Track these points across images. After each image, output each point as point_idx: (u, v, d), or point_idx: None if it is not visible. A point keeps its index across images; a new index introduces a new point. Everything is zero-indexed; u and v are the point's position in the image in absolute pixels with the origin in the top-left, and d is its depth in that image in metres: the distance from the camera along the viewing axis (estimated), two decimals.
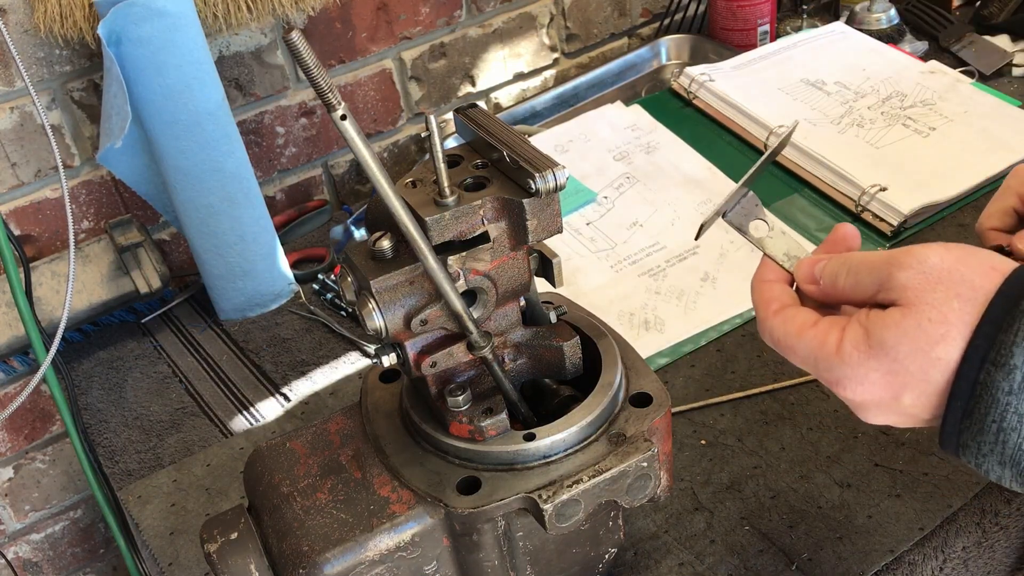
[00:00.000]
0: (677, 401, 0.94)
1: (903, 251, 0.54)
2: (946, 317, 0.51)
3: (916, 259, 0.53)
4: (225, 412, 1.04)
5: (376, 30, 1.32)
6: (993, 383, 0.50)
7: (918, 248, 0.54)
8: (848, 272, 0.57)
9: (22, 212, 1.17)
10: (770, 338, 0.60)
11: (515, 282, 0.66)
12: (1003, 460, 0.51)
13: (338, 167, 1.39)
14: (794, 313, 0.59)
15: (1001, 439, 0.50)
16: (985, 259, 0.52)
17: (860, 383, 0.54)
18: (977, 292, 0.51)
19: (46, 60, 1.11)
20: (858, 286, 0.56)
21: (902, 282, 0.53)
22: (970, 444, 0.52)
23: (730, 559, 0.78)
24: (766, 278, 0.62)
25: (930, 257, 0.53)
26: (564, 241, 1.15)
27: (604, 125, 1.32)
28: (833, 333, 0.55)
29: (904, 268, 0.53)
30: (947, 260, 0.52)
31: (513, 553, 0.67)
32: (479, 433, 0.64)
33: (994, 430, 0.50)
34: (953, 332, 0.51)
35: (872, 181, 1.13)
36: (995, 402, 0.50)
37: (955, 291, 0.51)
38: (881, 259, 0.55)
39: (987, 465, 0.52)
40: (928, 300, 0.52)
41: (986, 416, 0.50)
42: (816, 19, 1.57)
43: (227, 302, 1.15)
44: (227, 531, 0.65)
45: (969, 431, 0.51)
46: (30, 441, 1.28)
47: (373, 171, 0.57)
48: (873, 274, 0.55)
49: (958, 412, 0.51)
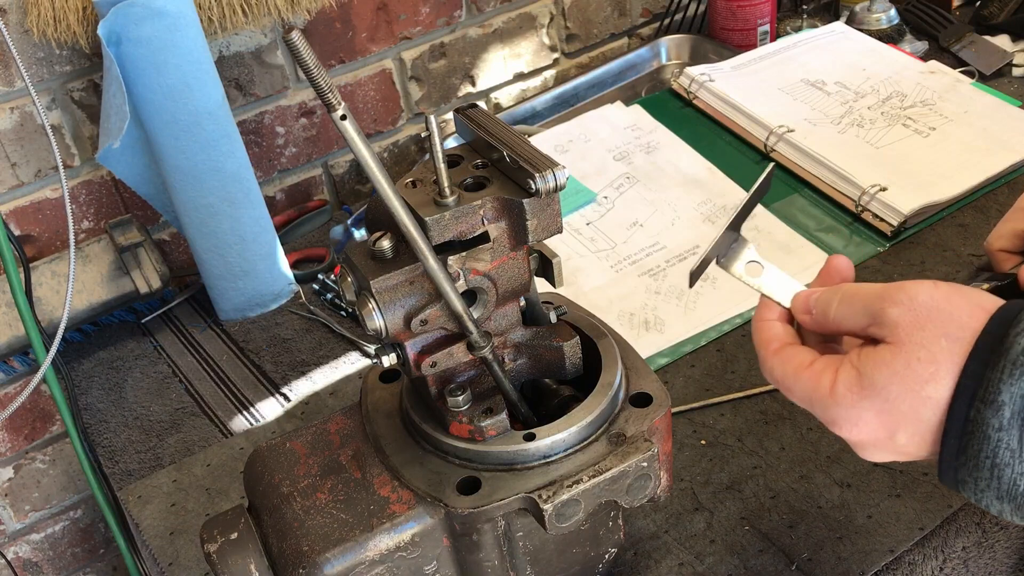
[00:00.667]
0: (677, 401, 0.94)
1: (895, 287, 0.55)
2: (935, 356, 0.52)
3: (907, 295, 0.54)
4: (225, 412, 1.04)
5: (376, 30, 1.32)
6: (983, 420, 0.50)
7: (909, 285, 0.54)
8: (839, 302, 0.58)
9: (22, 212, 1.17)
10: (771, 377, 0.61)
11: (515, 282, 0.66)
12: (1000, 495, 0.52)
13: (338, 167, 1.39)
14: (792, 353, 0.60)
15: (996, 475, 0.51)
16: (973, 297, 0.53)
17: (855, 424, 0.55)
18: (964, 331, 0.52)
19: (46, 60, 1.11)
20: (850, 317, 0.57)
21: (893, 319, 0.54)
22: (967, 480, 0.53)
23: (730, 559, 0.78)
24: (765, 317, 0.63)
25: (920, 295, 0.53)
26: (564, 241, 1.15)
27: (604, 125, 1.32)
28: (827, 374, 0.56)
29: (895, 304, 0.54)
30: (936, 298, 0.53)
31: (513, 553, 0.67)
32: (479, 433, 0.64)
33: (988, 466, 0.51)
34: (942, 371, 0.52)
35: (872, 181, 1.13)
36: (987, 439, 0.50)
37: (943, 330, 0.52)
38: (873, 293, 0.56)
39: (986, 500, 0.53)
40: (917, 339, 0.53)
41: (979, 452, 0.51)
42: (816, 19, 1.57)
43: (227, 302, 1.15)
44: (227, 531, 0.65)
45: (965, 467, 0.52)
46: (30, 441, 1.28)
47: (373, 171, 0.57)
48: (865, 307, 0.56)
49: (953, 449, 0.52)
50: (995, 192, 1.15)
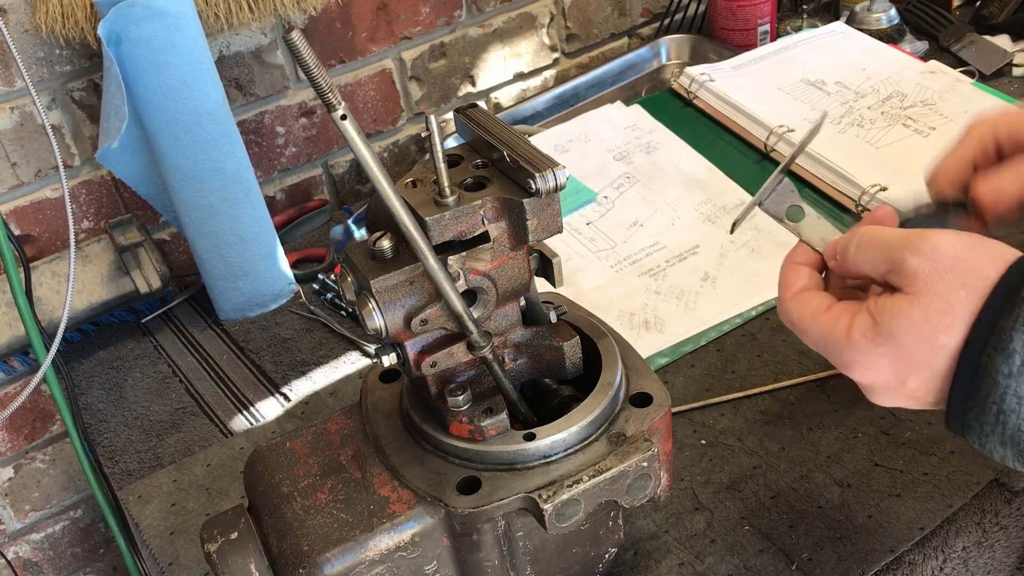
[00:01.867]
0: (677, 401, 0.94)
1: (917, 234, 0.55)
2: (951, 307, 0.53)
3: (929, 245, 0.54)
4: (225, 412, 1.04)
5: (376, 30, 1.32)
6: (993, 366, 0.51)
7: (932, 234, 0.55)
8: (857, 246, 0.58)
9: (22, 212, 1.17)
10: (787, 319, 0.62)
11: (515, 282, 0.66)
12: (1004, 440, 0.53)
13: (338, 167, 1.39)
14: (811, 296, 0.60)
15: (1001, 420, 0.52)
16: (995, 249, 0.54)
17: (868, 368, 0.56)
18: (984, 281, 0.53)
19: (46, 60, 1.11)
20: (868, 262, 0.57)
21: (913, 268, 0.54)
22: (973, 425, 0.54)
23: (730, 559, 0.78)
24: (795, 260, 0.63)
25: (943, 244, 0.54)
26: (564, 241, 1.15)
27: (604, 125, 1.32)
28: (843, 319, 0.57)
29: (917, 253, 0.54)
30: (959, 248, 0.54)
31: (513, 553, 0.67)
32: (479, 433, 0.64)
33: (994, 411, 0.52)
34: (957, 322, 0.53)
35: (872, 181, 1.13)
36: (995, 384, 0.52)
37: (962, 280, 0.53)
38: (895, 239, 0.56)
39: (990, 445, 0.54)
40: (935, 290, 0.53)
41: (987, 398, 0.52)
42: (816, 19, 1.57)
43: (227, 302, 1.15)
44: (227, 531, 0.65)
45: (972, 412, 0.53)
46: (30, 441, 1.28)
47: (373, 171, 0.57)
48: (885, 253, 0.56)
49: (961, 394, 0.53)
50: None
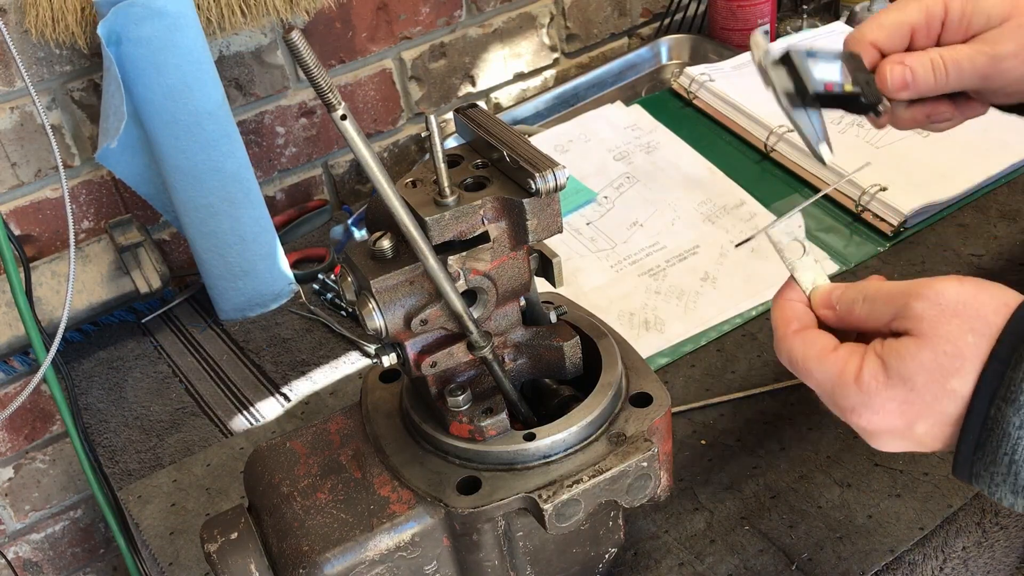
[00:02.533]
0: (677, 401, 0.94)
1: (921, 282, 0.55)
2: (961, 351, 0.52)
3: (933, 291, 0.54)
4: (225, 412, 1.04)
5: (376, 30, 1.32)
6: (1004, 418, 0.51)
7: (935, 280, 0.55)
8: (865, 300, 0.58)
9: (22, 212, 1.17)
10: (787, 357, 0.60)
11: (515, 282, 0.66)
12: (1016, 490, 0.53)
13: (338, 167, 1.39)
14: (815, 336, 0.59)
15: (1013, 471, 0.52)
16: (998, 295, 0.54)
17: (876, 412, 0.55)
18: (990, 327, 0.52)
19: (46, 60, 1.11)
20: (873, 314, 0.57)
21: (918, 312, 0.54)
22: (983, 474, 0.53)
23: (730, 559, 0.78)
24: (789, 297, 0.63)
25: (946, 291, 0.54)
26: (564, 241, 1.15)
27: (604, 125, 1.32)
28: (852, 362, 0.56)
29: (921, 299, 0.54)
30: (962, 294, 0.54)
31: (513, 553, 0.67)
32: (479, 433, 0.64)
33: (1006, 462, 0.52)
34: (967, 366, 0.52)
35: (872, 181, 1.13)
36: (1006, 436, 0.51)
37: (969, 325, 0.53)
38: (899, 289, 0.56)
39: (1000, 494, 0.53)
40: (943, 333, 0.53)
41: (998, 449, 0.52)
42: (816, 19, 1.57)
43: (227, 302, 1.15)
44: (227, 531, 0.65)
45: (982, 462, 0.53)
46: (30, 441, 1.28)
47: (373, 171, 0.57)
48: (890, 303, 0.56)
49: (971, 445, 0.53)
50: (995, 192, 1.15)
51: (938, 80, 0.69)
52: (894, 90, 0.70)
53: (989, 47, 0.68)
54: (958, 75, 0.69)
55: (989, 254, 1.06)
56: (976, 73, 0.69)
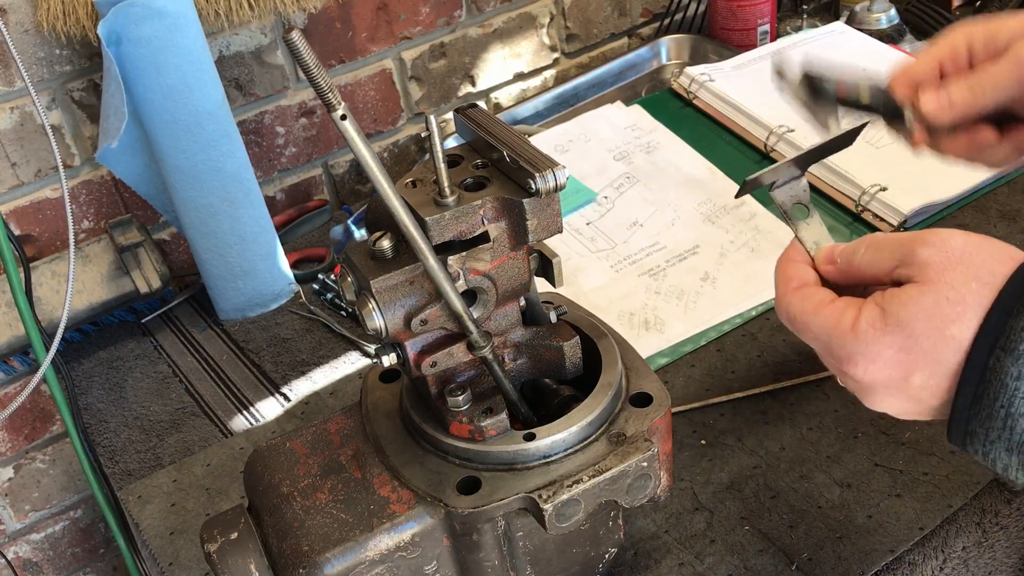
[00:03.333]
0: (677, 401, 0.94)
1: (927, 231, 0.55)
2: (963, 297, 0.52)
3: (940, 238, 0.54)
4: (225, 412, 1.04)
5: (376, 30, 1.32)
6: (1002, 368, 0.50)
7: (942, 230, 0.55)
8: (868, 247, 0.58)
9: (22, 212, 1.17)
10: (786, 314, 0.60)
11: (515, 282, 0.66)
12: (1010, 447, 0.52)
13: (338, 167, 1.39)
14: (813, 291, 0.59)
15: (1009, 424, 0.51)
16: (1005, 248, 0.54)
17: (872, 361, 0.55)
18: (995, 277, 0.52)
19: (46, 60, 1.11)
20: (877, 261, 0.57)
21: (923, 258, 0.54)
22: (978, 431, 0.53)
23: (730, 559, 0.78)
24: (791, 257, 0.63)
25: (953, 238, 0.54)
26: (564, 241, 1.15)
27: (604, 125, 1.32)
28: (850, 311, 0.56)
29: (927, 245, 0.54)
30: (969, 244, 0.53)
31: (513, 553, 0.67)
32: (479, 433, 0.64)
33: (1002, 415, 0.51)
34: (969, 313, 0.52)
35: (872, 181, 1.13)
36: (1004, 387, 0.51)
37: (974, 273, 0.52)
38: (904, 236, 0.56)
39: (994, 453, 0.53)
40: (947, 279, 0.53)
41: (995, 401, 0.51)
42: (816, 19, 1.57)
43: (227, 302, 1.15)
44: (227, 531, 0.65)
45: (978, 417, 0.52)
46: (30, 441, 1.28)
47: (373, 171, 0.57)
48: (895, 249, 0.56)
49: (968, 398, 0.52)
50: (995, 192, 1.15)
51: (975, 94, 0.68)
52: (933, 113, 0.69)
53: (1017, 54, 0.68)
54: (993, 87, 0.68)
55: None
56: (1011, 80, 0.68)
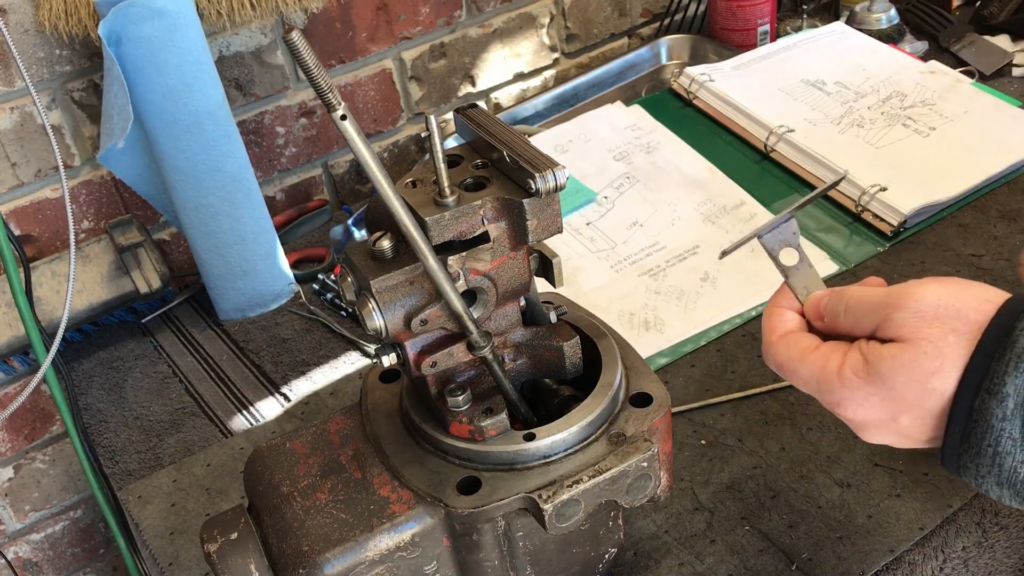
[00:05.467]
0: (677, 401, 0.94)
1: (900, 291, 0.56)
2: (942, 351, 0.53)
3: (912, 298, 0.55)
4: (225, 412, 1.04)
5: (376, 30, 1.32)
6: (988, 410, 0.52)
7: (914, 287, 0.56)
8: (846, 311, 0.59)
9: (22, 212, 1.17)
10: (774, 362, 0.62)
11: (515, 282, 0.66)
12: (1000, 481, 0.53)
13: (338, 167, 1.39)
14: (797, 338, 0.61)
15: (997, 462, 0.53)
16: (979, 292, 0.55)
17: (860, 405, 0.57)
18: (971, 326, 0.53)
19: (46, 60, 1.11)
20: (857, 325, 0.58)
21: (898, 322, 0.55)
22: (969, 466, 0.54)
23: (730, 559, 0.78)
24: (778, 304, 0.64)
25: (926, 295, 0.55)
26: (564, 241, 1.15)
27: (604, 125, 1.32)
28: (835, 357, 0.58)
29: (901, 309, 0.55)
30: (943, 297, 0.55)
31: (513, 553, 0.67)
32: (479, 433, 0.64)
33: (990, 454, 0.53)
34: (948, 365, 0.53)
35: (872, 181, 1.13)
36: (990, 428, 0.52)
37: (951, 326, 0.54)
38: (879, 300, 0.57)
39: (986, 485, 0.54)
40: (924, 335, 0.54)
41: (982, 440, 0.52)
42: (816, 19, 1.57)
43: (227, 302, 1.15)
44: (227, 531, 0.65)
45: (967, 454, 0.54)
46: (30, 441, 1.28)
47: (373, 171, 0.57)
48: (871, 314, 0.57)
49: (956, 436, 0.54)
50: (995, 192, 1.15)
51: None
52: None
53: None
54: None
55: (989, 254, 1.06)
56: None
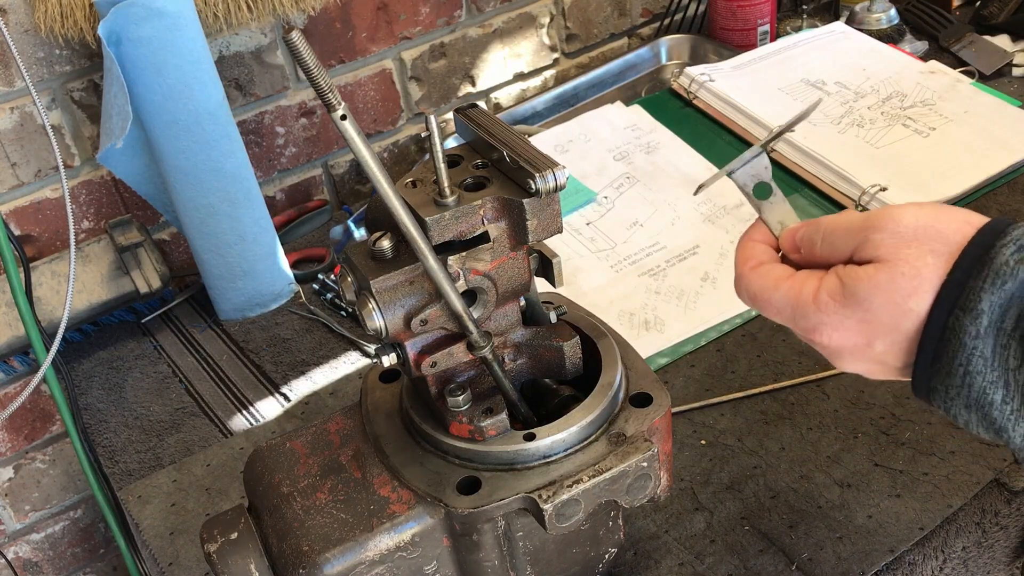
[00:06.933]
0: (677, 401, 0.94)
1: (878, 212, 0.56)
2: (919, 271, 0.53)
3: (891, 219, 0.55)
4: (225, 412, 1.04)
5: (376, 30, 1.32)
6: (961, 327, 0.51)
7: (893, 209, 0.55)
8: (823, 238, 0.58)
9: (22, 212, 1.17)
10: (746, 293, 0.61)
11: (515, 282, 0.66)
12: (969, 403, 0.53)
13: (338, 167, 1.39)
14: (770, 268, 0.60)
15: (967, 382, 0.52)
16: (959, 215, 0.54)
17: (835, 329, 0.56)
18: (950, 246, 0.53)
19: (46, 60, 1.11)
20: (835, 250, 0.57)
21: (877, 242, 0.55)
22: (939, 388, 0.54)
23: (730, 559, 0.78)
24: (752, 237, 0.63)
25: (904, 217, 0.54)
26: (564, 241, 1.15)
27: (604, 125, 1.32)
28: (810, 283, 0.57)
29: (878, 230, 0.55)
30: (921, 218, 0.54)
31: (513, 553, 0.67)
32: (479, 433, 0.64)
33: (960, 373, 0.52)
34: (925, 285, 0.53)
35: (872, 181, 1.13)
36: (962, 346, 0.51)
37: (929, 247, 0.53)
38: (857, 223, 0.56)
39: (955, 409, 0.54)
40: (902, 256, 0.53)
41: (953, 359, 0.52)
42: (816, 19, 1.57)
43: (227, 302, 1.15)
44: (227, 531, 0.65)
45: (938, 375, 0.53)
46: (30, 441, 1.28)
47: (373, 171, 0.57)
48: (849, 238, 0.56)
49: (928, 356, 0.53)
50: (995, 192, 1.15)
51: None
52: None
53: None
54: None
55: None
56: None
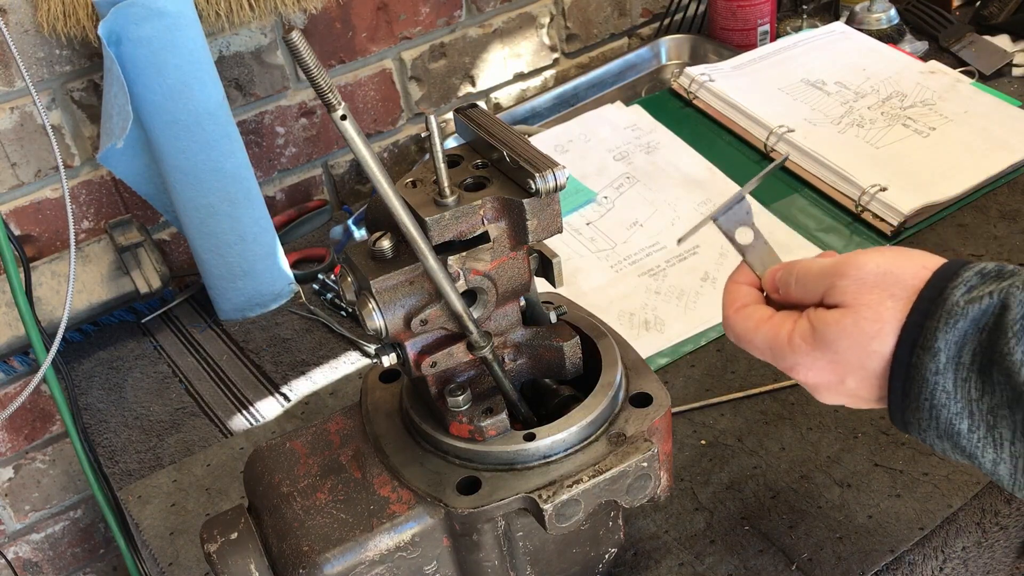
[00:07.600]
0: (677, 401, 0.94)
1: (843, 259, 0.60)
2: (881, 315, 0.57)
3: (854, 267, 0.59)
4: (225, 412, 1.04)
5: (376, 30, 1.32)
6: (922, 364, 0.55)
7: (857, 256, 0.60)
8: (796, 281, 0.63)
9: (22, 212, 1.17)
10: (732, 334, 0.66)
11: (515, 282, 0.66)
12: (940, 434, 0.56)
13: (338, 167, 1.39)
14: (752, 310, 0.65)
15: (934, 414, 0.56)
16: (917, 260, 0.59)
17: (809, 368, 0.61)
18: (907, 291, 0.57)
19: (46, 60, 1.11)
20: (807, 293, 0.62)
21: (841, 289, 0.59)
22: (912, 421, 0.58)
23: (730, 559, 0.78)
24: (737, 280, 0.68)
25: (867, 263, 0.59)
26: (564, 241, 1.15)
27: (604, 125, 1.32)
28: (785, 325, 0.62)
29: (843, 276, 0.59)
30: (882, 264, 0.59)
31: (513, 553, 0.67)
32: (479, 433, 0.64)
33: (927, 406, 0.56)
34: (887, 328, 0.57)
35: (872, 181, 1.13)
36: (925, 381, 0.55)
37: (888, 292, 0.57)
38: (825, 269, 0.61)
39: (929, 439, 0.58)
40: (864, 301, 0.58)
41: (919, 394, 0.56)
42: (816, 19, 1.57)
43: (227, 302, 1.15)
44: (227, 531, 0.65)
45: (909, 409, 0.57)
46: (30, 441, 1.28)
47: (373, 171, 0.57)
48: (817, 283, 0.61)
49: (898, 393, 0.58)
50: (995, 192, 1.15)
51: None
52: None
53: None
54: None
55: (989, 254, 1.06)
56: None
